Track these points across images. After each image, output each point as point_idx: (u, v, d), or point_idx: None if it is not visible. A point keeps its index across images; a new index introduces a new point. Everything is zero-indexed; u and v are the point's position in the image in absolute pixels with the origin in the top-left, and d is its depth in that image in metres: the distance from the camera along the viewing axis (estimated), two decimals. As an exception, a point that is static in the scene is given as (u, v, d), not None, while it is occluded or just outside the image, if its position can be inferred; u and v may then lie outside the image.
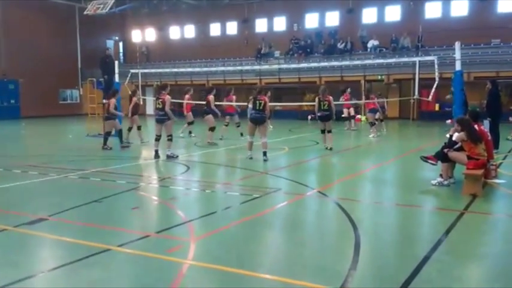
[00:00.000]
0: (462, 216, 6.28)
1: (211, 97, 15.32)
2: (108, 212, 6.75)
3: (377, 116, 18.58)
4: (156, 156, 11.78)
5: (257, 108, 11.44)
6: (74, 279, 4.26)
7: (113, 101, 14.02)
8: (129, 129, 15.67)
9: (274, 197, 7.59)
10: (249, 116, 11.92)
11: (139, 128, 15.65)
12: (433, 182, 8.17)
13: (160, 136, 11.87)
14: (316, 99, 13.40)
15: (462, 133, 7.76)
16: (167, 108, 11.58)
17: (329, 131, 13.42)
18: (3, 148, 15.57)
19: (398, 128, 23.70)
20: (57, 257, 4.89)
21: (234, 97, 16.86)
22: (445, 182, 8.06)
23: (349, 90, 20.90)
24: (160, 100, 11.75)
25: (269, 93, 12.74)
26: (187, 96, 17.64)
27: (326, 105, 13.17)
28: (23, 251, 5.02)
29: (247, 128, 11.82)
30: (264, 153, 11.45)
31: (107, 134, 14.11)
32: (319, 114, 13.39)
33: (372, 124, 17.78)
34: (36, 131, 23.69)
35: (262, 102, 11.41)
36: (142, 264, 4.60)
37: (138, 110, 15.91)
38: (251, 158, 11.50)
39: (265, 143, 11.54)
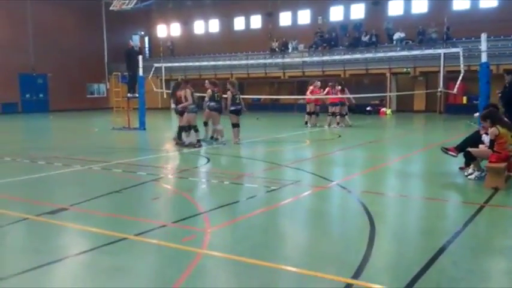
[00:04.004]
0: (482, 209, 6.17)
1: (181, 92, 12.89)
2: (127, 203, 6.86)
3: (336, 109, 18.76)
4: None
5: (216, 99, 13.25)
6: (92, 267, 4.36)
7: (184, 92, 12.74)
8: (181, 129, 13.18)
9: (293, 189, 7.57)
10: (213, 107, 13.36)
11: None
12: (471, 177, 7.95)
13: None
14: (229, 94, 13.19)
15: (494, 128, 7.54)
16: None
17: (238, 125, 13.32)
18: (32, 140, 15.99)
19: (425, 121, 23.33)
20: (76, 245, 5.00)
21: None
22: (483, 174, 7.83)
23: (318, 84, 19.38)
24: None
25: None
26: (311, 87, 18.21)
27: (239, 99, 13.28)
28: (43, 239, 5.15)
29: (215, 117, 13.35)
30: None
31: (189, 129, 12.78)
32: (232, 108, 13.19)
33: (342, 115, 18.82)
34: (64, 124, 24.20)
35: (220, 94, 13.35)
36: (157, 253, 4.68)
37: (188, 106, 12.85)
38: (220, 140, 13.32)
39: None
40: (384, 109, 27.06)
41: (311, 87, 18.66)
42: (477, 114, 17.20)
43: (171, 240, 4.96)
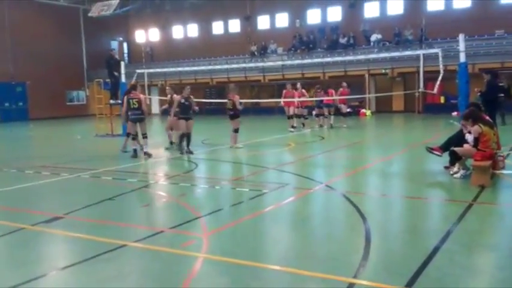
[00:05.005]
0: (471, 207, 6.35)
1: (142, 97, 12.42)
2: (121, 210, 6.87)
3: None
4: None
5: (132, 107, 11.86)
6: (92, 275, 4.37)
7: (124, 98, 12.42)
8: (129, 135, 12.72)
9: (283, 192, 7.67)
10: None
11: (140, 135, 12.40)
12: (456, 175, 8.11)
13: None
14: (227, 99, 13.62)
15: (476, 126, 7.77)
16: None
17: (235, 130, 13.46)
18: (14, 150, 15.76)
19: (405, 121, 23.73)
20: (75, 254, 4.99)
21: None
22: (468, 172, 8.06)
23: (344, 84, 20.21)
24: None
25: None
26: (284, 91, 18.73)
27: (230, 105, 13.34)
28: (42, 248, 5.16)
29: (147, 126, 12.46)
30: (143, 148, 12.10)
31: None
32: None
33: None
34: (45, 132, 23.88)
35: (137, 100, 11.92)
36: (158, 259, 4.71)
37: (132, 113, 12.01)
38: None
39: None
40: (363, 110, 27.41)
41: (284, 91, 18.97)
42: (455, 113, 17.59)
43: (170, 246, 5.01)
